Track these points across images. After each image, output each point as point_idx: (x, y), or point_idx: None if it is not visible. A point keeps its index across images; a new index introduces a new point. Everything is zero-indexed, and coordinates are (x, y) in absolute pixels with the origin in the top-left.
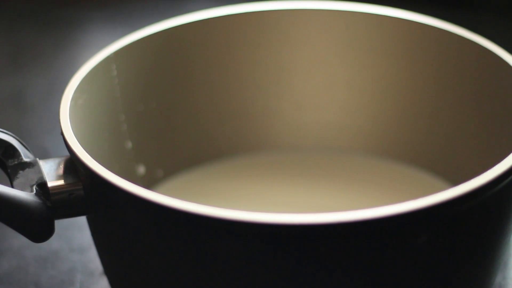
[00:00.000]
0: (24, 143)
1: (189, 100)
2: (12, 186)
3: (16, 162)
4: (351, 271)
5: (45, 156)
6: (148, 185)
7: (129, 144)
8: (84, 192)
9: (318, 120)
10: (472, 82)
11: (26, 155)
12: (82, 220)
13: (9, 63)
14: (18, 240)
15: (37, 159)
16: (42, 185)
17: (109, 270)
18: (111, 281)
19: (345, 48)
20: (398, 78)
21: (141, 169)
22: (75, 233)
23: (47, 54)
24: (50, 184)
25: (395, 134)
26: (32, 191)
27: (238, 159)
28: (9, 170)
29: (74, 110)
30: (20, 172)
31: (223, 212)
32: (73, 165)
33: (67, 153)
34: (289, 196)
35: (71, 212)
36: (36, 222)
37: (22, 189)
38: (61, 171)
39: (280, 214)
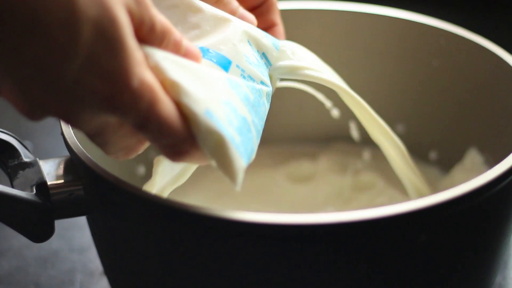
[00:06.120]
0: (24, 143)
1: None
2: (12, 186)
3: (16, 162)
4: (350, 270)
5: (45, 156)
6: None
7: None
8: (84, 192)
9: (318, 120)
10: (472, 82)
11: (26, 155)
12: (82, 220)
13: None
14: (18, 240)
15: (37, 159)
16: (42, 185)
17: (109, 270)
18: (111, 281)
19: (345, 48)
20: (398, 78)
21: (141, 169)
22: (75, 233)
23: None
24: (50, 184)
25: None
26: (32, 191)
27: None
28: (9, 170)
29: None
30: (20, 172)
31: (224, 212)
32: (73, 165)
33: (67, 153)
34: (289, 196)
35: (71, 212)
36: (36, 222)
37: (22, 189)
38: (61, 171)
39: (280, 214)
